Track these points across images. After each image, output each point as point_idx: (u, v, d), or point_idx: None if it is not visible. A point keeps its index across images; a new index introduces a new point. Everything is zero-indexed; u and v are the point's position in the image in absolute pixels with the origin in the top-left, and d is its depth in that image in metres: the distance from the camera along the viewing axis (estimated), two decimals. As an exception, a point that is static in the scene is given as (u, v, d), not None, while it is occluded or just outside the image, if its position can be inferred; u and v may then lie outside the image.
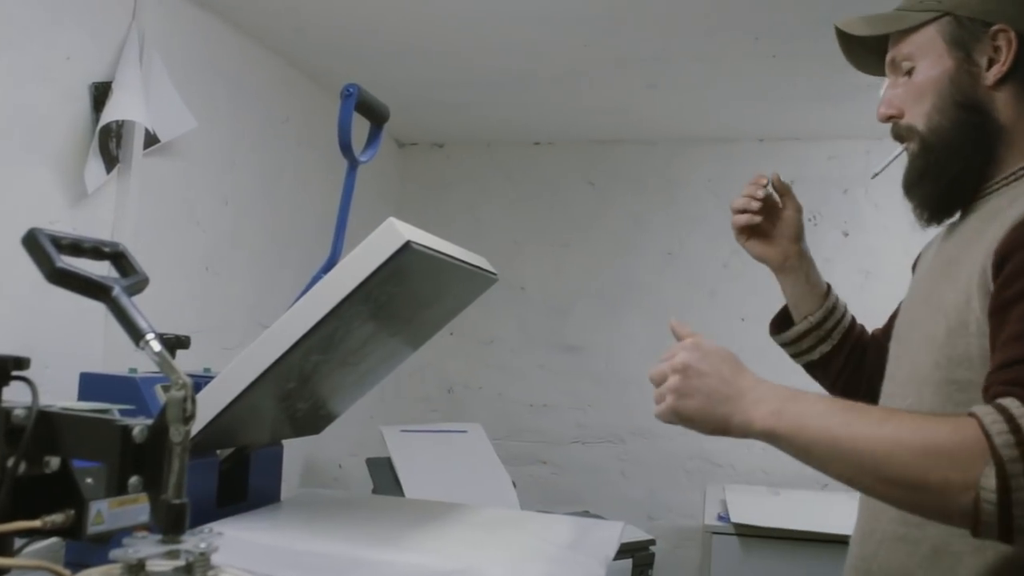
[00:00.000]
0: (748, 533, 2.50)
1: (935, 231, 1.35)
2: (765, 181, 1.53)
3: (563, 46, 2.55)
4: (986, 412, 0.95)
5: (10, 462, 0.96)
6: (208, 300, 2.36)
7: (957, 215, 1.30)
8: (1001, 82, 1.19)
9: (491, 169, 3.69)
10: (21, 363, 1.04)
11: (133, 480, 0.93)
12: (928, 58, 1.23)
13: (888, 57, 1.29)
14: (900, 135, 1.30)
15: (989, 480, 0.91)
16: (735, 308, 3.42)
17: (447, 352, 3.65)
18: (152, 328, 1.00)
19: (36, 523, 0.99)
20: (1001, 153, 1.21)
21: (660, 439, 3.43)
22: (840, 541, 2.42)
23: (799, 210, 1.56)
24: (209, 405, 1.30)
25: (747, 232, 1.56)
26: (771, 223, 1.56)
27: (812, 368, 1.62)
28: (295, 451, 1.88)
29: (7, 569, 1.00)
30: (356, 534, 1.39)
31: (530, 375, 3.57)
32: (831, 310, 1.61)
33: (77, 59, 1.87)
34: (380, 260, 1.25)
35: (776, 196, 1.55)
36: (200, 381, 1.58)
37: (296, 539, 1.31)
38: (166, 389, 1.44)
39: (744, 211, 1.53)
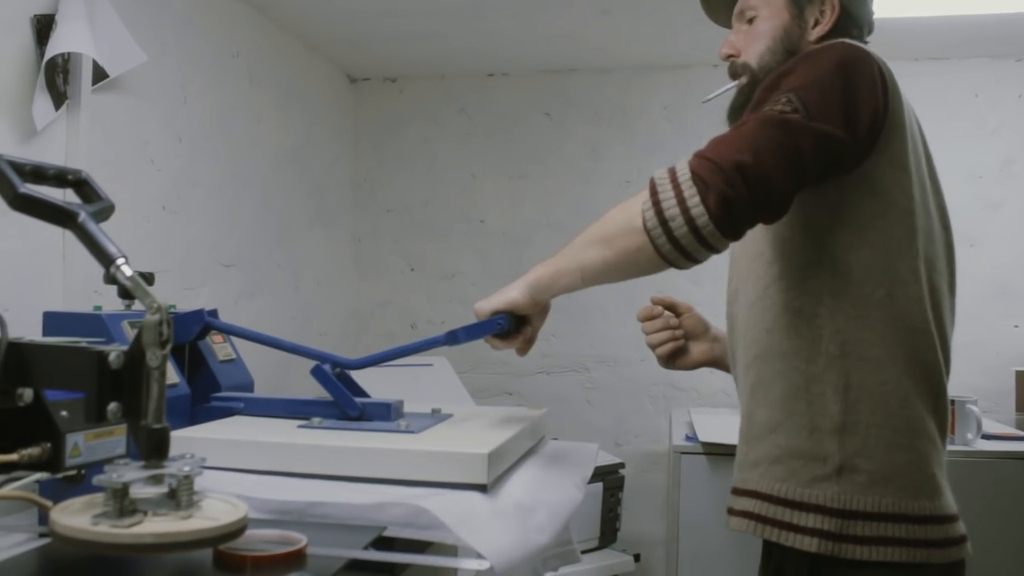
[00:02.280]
0: (716, 452, 2.54)
1: None
2: (659, 310, 1.71)
3: (517, -29, 2.51)
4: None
5: (-18, 394, 0.94)
6: (167, 240, 2.33)
7: None
8: (821, 39, 1.44)
9: (445, 102, 3.65)
10: (-14, 296, 1.02)
11: (112, 407, 0.91)
12: (769, 9, 1.45)
13: (737, 7, 1.51)
14: (735, 72, 1.50)
15: (647, 205, 1.23)
16: (694, 234, 3.44)
17: (408, 288, 3.64)
18: (122, 253, 0.97)
19: (13, 456, 0.98)
20: None
21: (625, 366, 3.47)
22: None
23: (690, 307, 1.75)
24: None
25: (672, 358, 1.70)
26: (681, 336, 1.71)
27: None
28: (265, 387, 1.86)
29: (-13, 502, 0.99)
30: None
31: (493, 308, 3.57)
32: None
33: (17, -9, 1.80)
34: None
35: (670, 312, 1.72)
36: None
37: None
38: (134, 325, 1.42)
39: (665, 342, 1.68)
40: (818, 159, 1.23)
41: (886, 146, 1.31)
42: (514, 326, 1.40)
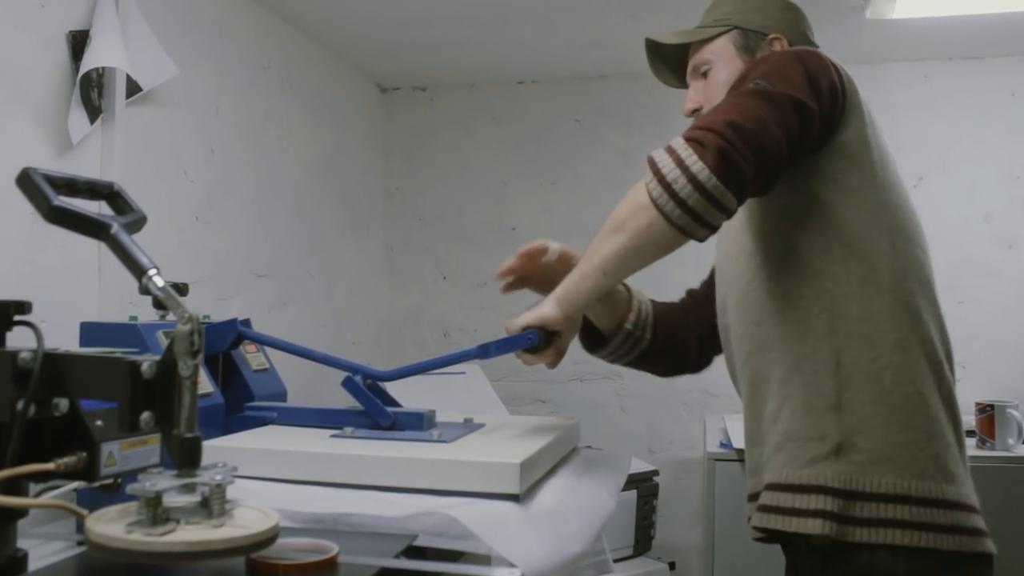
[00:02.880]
0: (750, 458, 2.52)
1: None
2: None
3: (545, -22, 2.51)
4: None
5: (19, 405, 0.95)
6: (200, 250, 2.35)
7: None
8: None
9: (476, 111, 3.65)
10: (22, 307, 1.03)
11: (145, 416, 0.92)
12: (722, 60, 1.52)
13: (691, 64, 1.58)
14: None
15: (649, 177, 1.25)
16: (727, 239, 3.42)
17: (441, 296, 3.64)
18: (154, 264, 0.98)
19: (49, 466, 0.99)
20: None
21: (657, 373, 3.45)
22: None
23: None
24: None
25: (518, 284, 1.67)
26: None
27: (636, 364, 1.73)
28: (296, 397, 1.87)
29: (25, 512, 1.00)
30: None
31: (525, 316, 3.57)
32: (638, 311, 1.69)
33: (52, 6, 1.82)
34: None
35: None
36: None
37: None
38: (168, 335, 1.43)
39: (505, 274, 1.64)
40: (798, 121, 1.27)
41: (848, 123, 1.36)
42: (544, 340, 1.39)
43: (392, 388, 1.61)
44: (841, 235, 1.34)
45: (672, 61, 1.65)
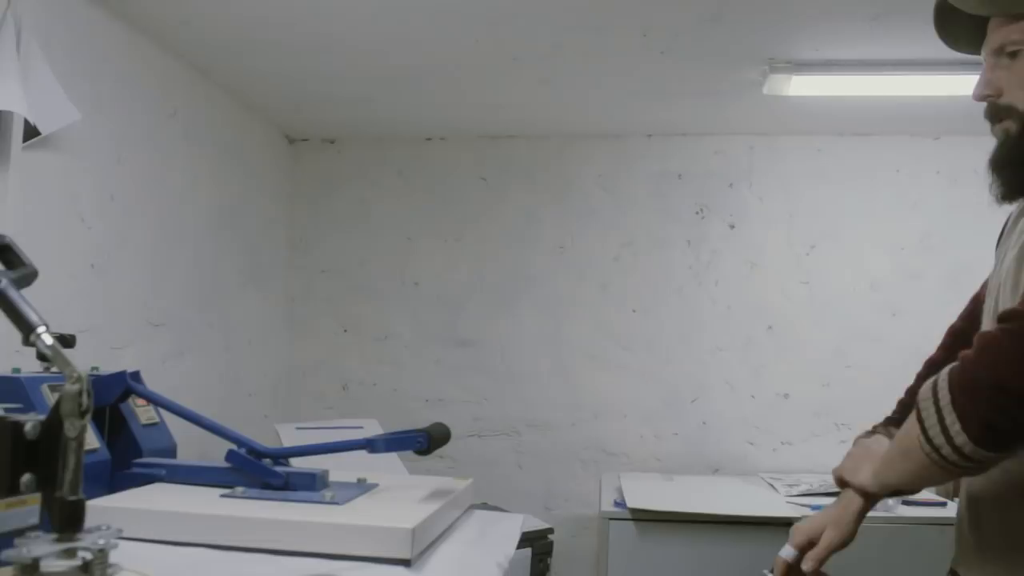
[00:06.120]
0: (643, 517, 2.55)
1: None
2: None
3: (456, 41, 2.56)
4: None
5: None
6: (95, 299, 2.29)
7: None
8: None
9: (383, 165, 3.67)
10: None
11: (26, 478, 0.90)
12: None
13: (997, 40, 1.28)
14: (996, 114, 1.29)
15: (920, 434, 1.16)
16: (626, 300, 3.50)
17: (342, 349, 3.62)
18: (43, 321, 0.96)
19: (-80, 527, 0.95)
20: None
21: (555, 430, 3.48)
22: (730, 522, 2.52)
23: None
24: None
25: None
26: None
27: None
28: (188, 452, 1.84)
29: None
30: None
31: (425, 370, 3.57)
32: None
33: (-52, 47, 1.79)
34: None
35: None
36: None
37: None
38: (54, 389, 1.40)
39: None
40: None
41: None
42: (433, 445, 1.44)
43: (291, 441, 1.60)
44: None
45: (968, 21, 1.33)
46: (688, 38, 2.50)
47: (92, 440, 1.48)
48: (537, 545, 2.86)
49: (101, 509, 1.21)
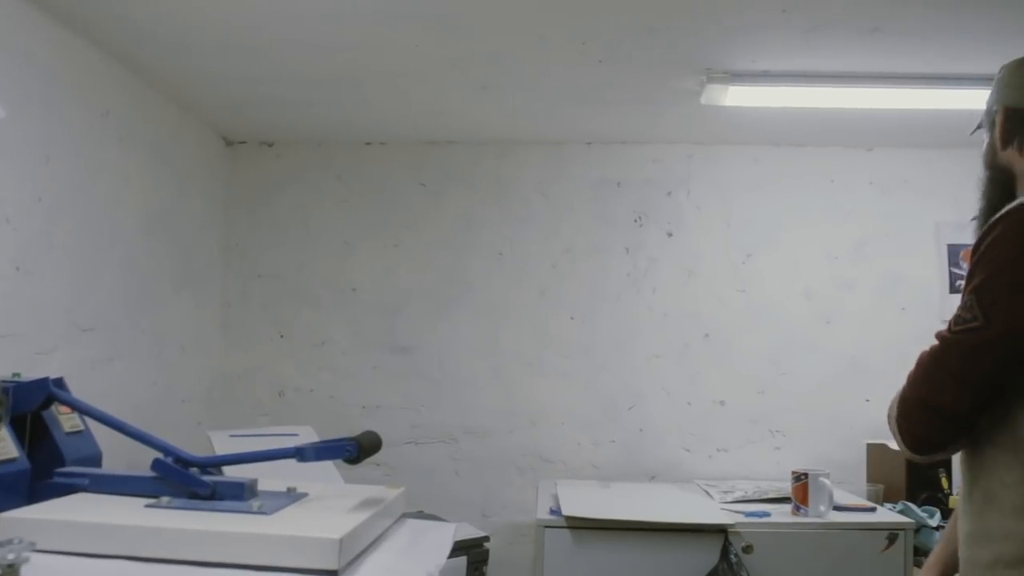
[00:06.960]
0: (578, 525, 2.56)
1: None
2: None
3: (395, 45, 2.54)
4: None
5: None
6: (19, 302, 2.23)
7: None
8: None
9: (322, 169, 3.64)
10: None
11: (-66, 490, 0.87)
12: None
13: None
14: None
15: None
16: (564, 307, 3.51)
17: (278, 355, 3.57)
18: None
19: None
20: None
21: (493, 437, 3.47)
22: (664, 529, 2.54)
23: None
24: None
25: None
26: None
27: None
28: (116, 460, 1.80)
29: None
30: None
31: (362, 376, 3.54)
32: None
33: None
34: None
35: None
36: (8, 386, 1.50)
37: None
38: (-29, 396, 1.36)
39: None
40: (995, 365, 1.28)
41: None
42: (362, 453, 1.45)
43: (223, 449, 1.56)
44: None
45: None
46: (626, 47, 2.51)
47: (10, 449, 1.43)
48: (472, 553, 2.84)
49: (17, 521, 1.18)
